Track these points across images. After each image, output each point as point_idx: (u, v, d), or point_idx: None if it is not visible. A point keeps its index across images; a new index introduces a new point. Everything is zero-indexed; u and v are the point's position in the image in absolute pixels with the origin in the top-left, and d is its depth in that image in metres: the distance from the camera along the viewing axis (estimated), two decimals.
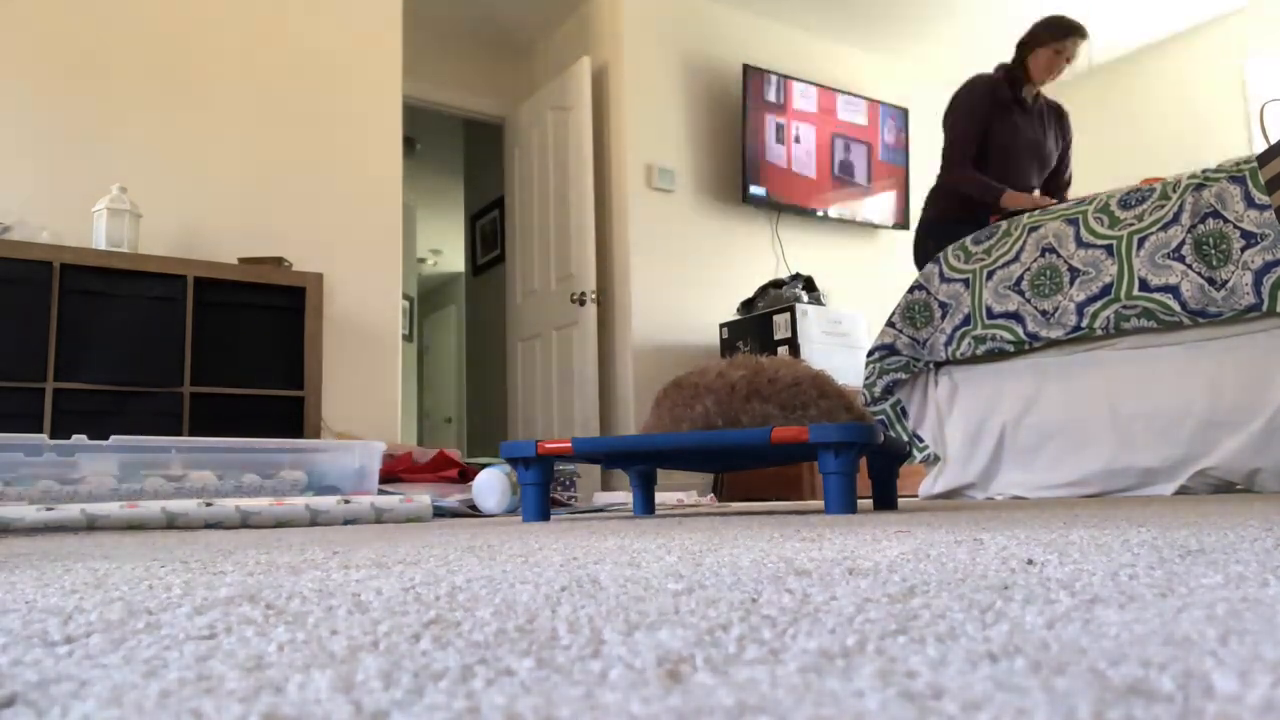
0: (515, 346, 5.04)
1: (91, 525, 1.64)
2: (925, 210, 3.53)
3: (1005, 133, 3.37)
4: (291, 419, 3.15)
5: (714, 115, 4.84)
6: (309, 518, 1.81)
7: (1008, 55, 5.54)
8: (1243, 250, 2.11)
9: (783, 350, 4.21)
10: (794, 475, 4.00)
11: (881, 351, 2.77)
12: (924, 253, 3.48)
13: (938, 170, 3.51)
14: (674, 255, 4.58)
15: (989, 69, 3.54)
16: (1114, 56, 5.75)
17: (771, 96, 4.82)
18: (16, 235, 2.95)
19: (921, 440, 2.79)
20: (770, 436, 1.47)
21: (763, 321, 4.35)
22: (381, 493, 2.39)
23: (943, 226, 3.39)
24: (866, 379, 2.80)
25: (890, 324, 2.76)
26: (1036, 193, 3.47)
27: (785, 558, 0.65)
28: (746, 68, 4.72)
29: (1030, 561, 0.57)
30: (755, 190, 4.70)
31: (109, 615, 0.44)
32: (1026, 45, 3.37)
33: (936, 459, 2.76)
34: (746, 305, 4.53)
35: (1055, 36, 3.31)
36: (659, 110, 4.65)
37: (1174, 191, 2.28)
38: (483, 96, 5.28)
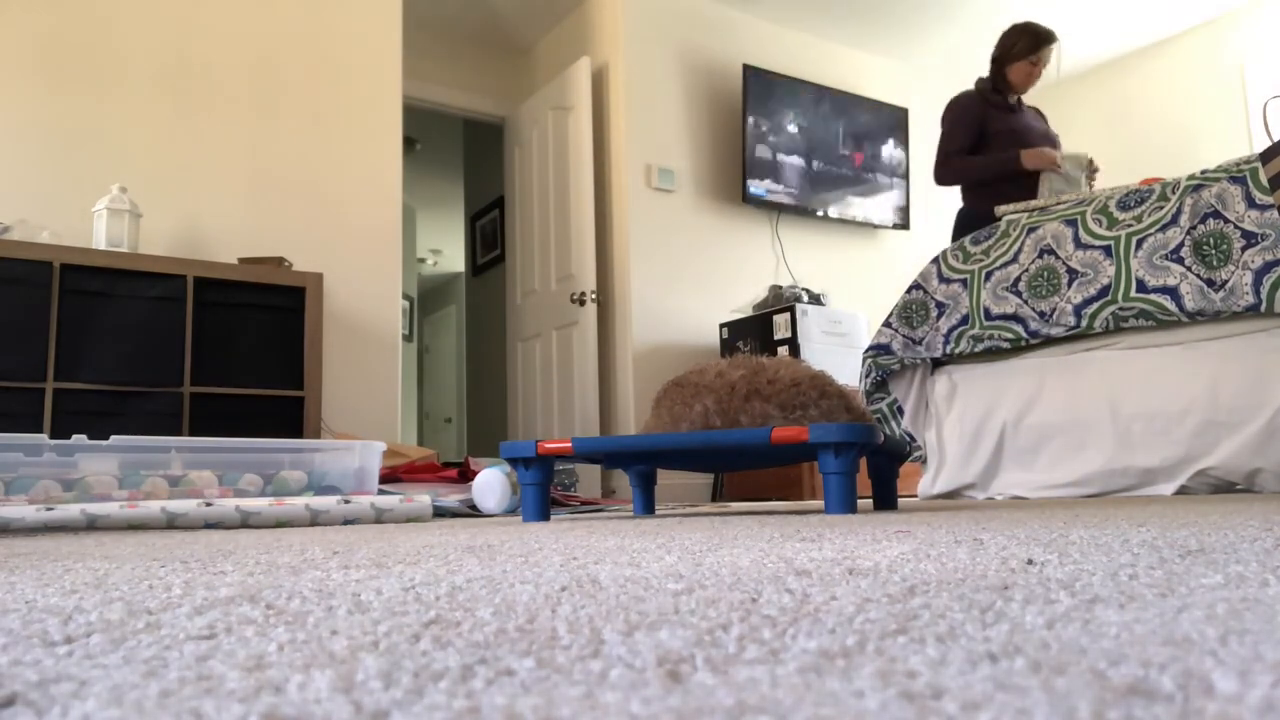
0: (515, 346, 5.04)
1: (91, 525, 1.64)
2: (964, 204, 3.57)
3: (1005, 127, 3.46)
4: (291, 419, 3.15)
5: (714, 115, 4.84)
6: (309, 518, 1.81)
7: None
8: (1243, 250, 2.11)
9: (783, 350, 4.22)
10: (794, 475, 4.00)
11: (875, 350, 2.77)
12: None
13: (933, 174, 3.57)
14: (674, 255, 4.58)
15: (985, 68, 3.57)
16: (1114, 56, 5.75)
17: (771, 96, 4.81)
18: (16, 235, 2.95)
19: (913, 439, 2.80)
20: (770, 436, 1.47)
21: (763, 321, 4.35)
22: (381, 493, 2.39)
23: (974, 220, 3.43)
24: (864, 375, 2.81)
25: (887, 324, 2.76)
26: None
27: (785, 558, 0.65)
28: (746, 68, 4.72)
29: (1030, 561, 0.57)
30: (755, 190, 4.70)
31: (109, 615, 0.44)
32: (1002, 59, 3.49)
33: (924, 460, 2.77)
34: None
35: (1030, 49, 3.43)
36: (659, 110, 4.65)
37: (1173, 193, 2.28)
38: (483, 96, 5.28)
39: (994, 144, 3.45)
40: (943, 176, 3.51)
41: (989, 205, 3.36)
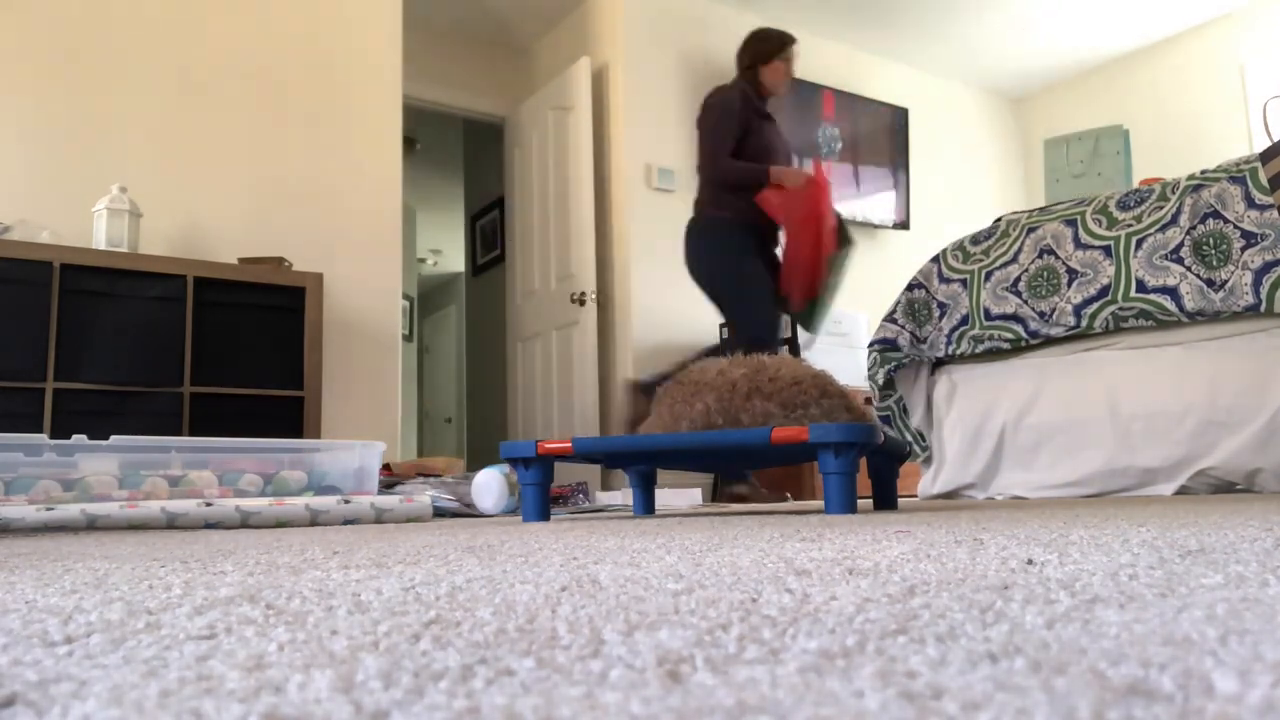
0: (515, 346, 5.04)
1: (91, 525, 1.64)
2: (706, 210, 3.44)
3: (762, 139, 3.42)
4: (291, 419, 3.15)
5: None
6: (309, 518, 1.81)
7: (1005, 55, 5.55)
8: (1243, 250, 2.11)
9: (782, 350, 4.22)
10: (794, 475, 4.00)
11: (882, 344, 2.77)
12: (695, 252, 3.44)
13: (698, 171, 3.47)
14: (674, 255, 4.57)
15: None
16: (1114, 56, 5.75)
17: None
18: (16, 235, 2.95)
19: (924, 439, 2.79)
20: (770, 436, 1.47)
21: None
22: (381, 493, 2.39)
23: (726, 227, 3.38)
24: (870, 368, 2.80)
25: (893, 319, 2.75)
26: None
27: (785, 558, 0.65)
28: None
29: (1030, 561, 0.57)
30: None
31: (109, 615, 0.44)
32: (754, 65, 3.49)
33: (929, 460, 2.77)
34: None
35: (778, 49, 3.46)
36: (659, 110, 4.65)
37: (1172, 193, 2.28)
38: (483, 96, 5.28)
39: (746, 153, 3.38)
40: (714, 174, 3.36)
41: (729, 213, 3.35)
